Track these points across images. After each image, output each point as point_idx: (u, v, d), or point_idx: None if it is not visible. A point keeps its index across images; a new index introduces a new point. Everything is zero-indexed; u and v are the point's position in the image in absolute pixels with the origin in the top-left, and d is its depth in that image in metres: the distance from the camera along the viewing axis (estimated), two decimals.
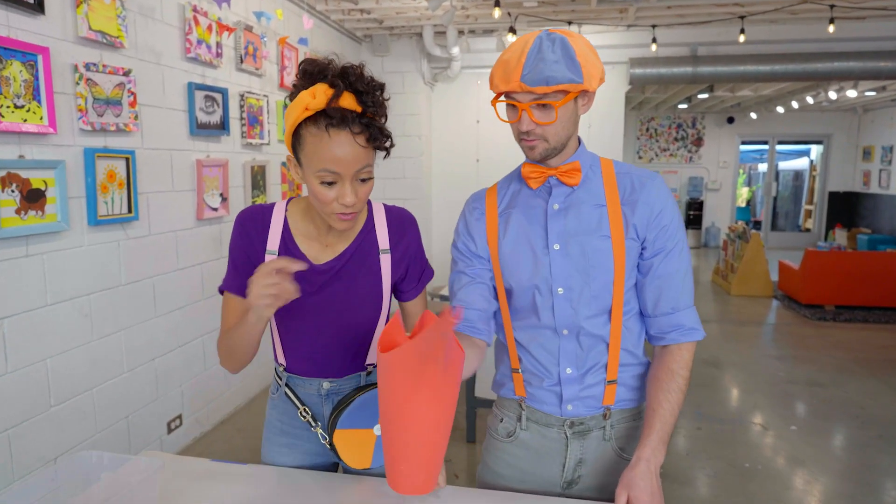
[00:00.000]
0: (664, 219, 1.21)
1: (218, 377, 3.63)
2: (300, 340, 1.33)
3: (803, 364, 4.82)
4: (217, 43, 3.44)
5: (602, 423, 1.27)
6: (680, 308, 1.22)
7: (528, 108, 1.13)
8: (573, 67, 1.10)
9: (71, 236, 2.52)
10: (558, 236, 1.22)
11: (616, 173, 1.25)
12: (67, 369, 2.54)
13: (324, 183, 1.13)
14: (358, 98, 1.10)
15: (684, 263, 1.24)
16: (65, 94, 2.46)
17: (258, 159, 3.97)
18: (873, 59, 5.34)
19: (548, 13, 4.91)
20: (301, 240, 1.28)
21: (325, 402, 1.36)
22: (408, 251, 1.34)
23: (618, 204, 1.21)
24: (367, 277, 1.30)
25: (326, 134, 1.09)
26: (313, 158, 1.11)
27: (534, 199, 1.26)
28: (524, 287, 1.25)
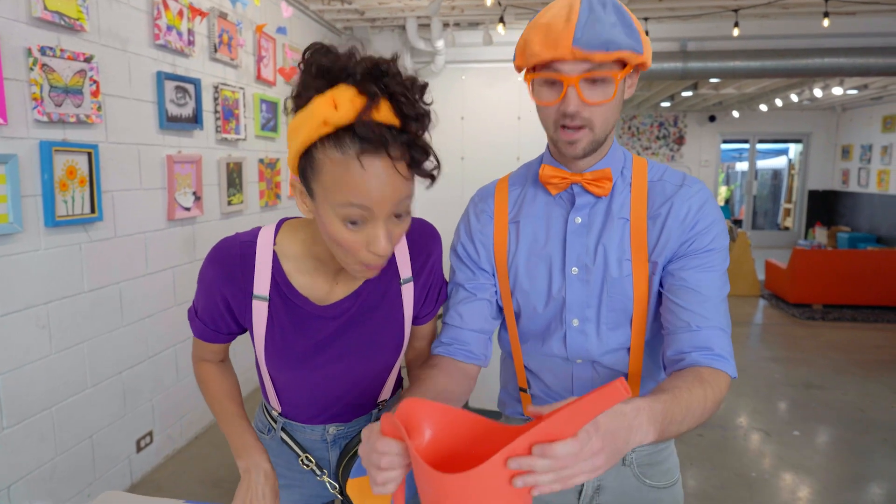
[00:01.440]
0: (698, 227, 0.98)
1: (191, 389, 3.38)
2: (301, 390, 1.09)
3: (799, 366, 4.72)
4: (189, 30, 3.19)
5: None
6: (707, 326, 0.93)
7: (577, 82, 0.91)
8: (632, 34, 0.90)
9: (25, 239, 2.27)
10: (577, 259, 1.02)
11: (648, 182, 1.03)
12: (22, 387, 2.28)
13: (349, 223, 0.84)
14: (396, 108, 0.79)
15: (719, 282, 0.98)
16: (17, 81, 2.21)
17: (234, 156, 3.72)
18: (863, 55, 5.27)
19: (537, 4, 4.74)
20: (300, 278, 1.00)
21: (332, 447, 1.15)
22: (431, 275, 1.08)
23: (643, 219, 1.00)
24: (386, 316, 1.05)
25: (357, 162, 0.79)
26: (335, 191, 0.81)
27: (552, 208, 1.05)
28: (535, 312, 1.06)
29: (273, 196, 4.31)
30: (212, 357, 1.15)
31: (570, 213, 1.04)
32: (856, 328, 5.83)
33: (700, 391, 0.84)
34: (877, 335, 5.57)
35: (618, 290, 1.01)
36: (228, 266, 0.98)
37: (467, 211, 1.14)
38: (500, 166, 6.05)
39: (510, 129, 6.07)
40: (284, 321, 1.00)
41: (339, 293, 1.02)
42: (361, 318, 1.03)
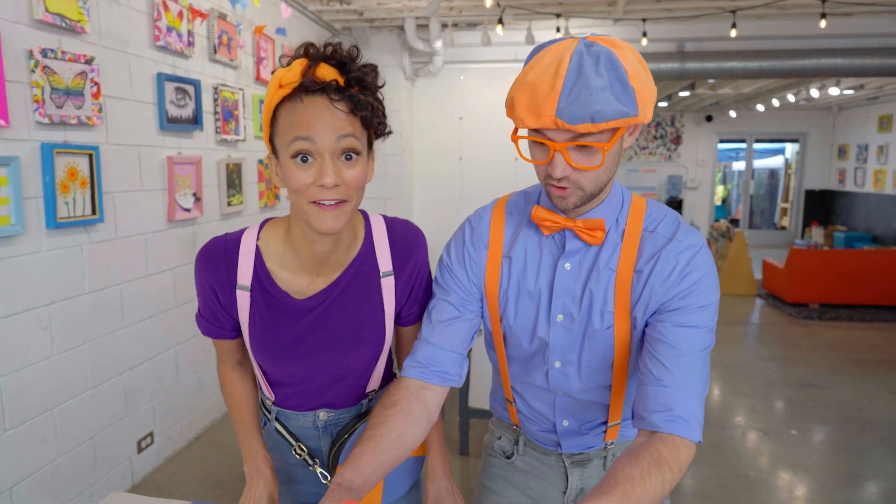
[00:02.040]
0: (682, 285, 0.95)
1: (191, 390, 3.38)
2: (290, 380, 1.13)
3: (796, 365, 4.75)
4: (189, 31, 3.20)
5: (603, 454, 1.15)
6: (675, 385, 0.90)
7: (564, 148, 0.87)
8: (626, 96, 0.83)
9: (27, 241, 2.27)
10: (563, 306, 1.01)
11: (643, 230, 0.99)
12: (24, 388, 2.28)
13: (297, 158, 0.91)
14: (340, 69, 0.93)
15: (699, 341, 0.94)
16: (18, 83, 2.21)
17: (234, 156, 3.73)
18: (860, 55, 5.30)
19: (535, 6, 4.75)
20: (280, 272, 1.05)
21: (323, 434, 1.17)
22: (415, 273, 1.11)
23: (630, 271, 0.98)
24: (366, 309, 1.08)
25: (300, 101, 0.91)
26: (286, 132, 0.92)
27: (544, 248, 1.03)
28: (519, 345, 1.07)
29: (272, 197, 4.31)
30: (229, 358, 1.18)
31: (560, 258, 1.02)
32: (852, 327, 5.86)
33: (658, 478, 0.83)
34: (873, 334, 5.60)
35: (599, 340, 1.01)
36: (213, 259, 1.05)
37: (463, 232, 1.10)
38: (499, 166, 6.09)
39: (508, 129, 6.03)
40: (265, 312, 1.05)
41: (318, 286, 1.06)
42: (340, 309, 1.06)
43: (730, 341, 5.44)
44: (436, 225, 6.47)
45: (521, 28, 5.34)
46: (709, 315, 0.95)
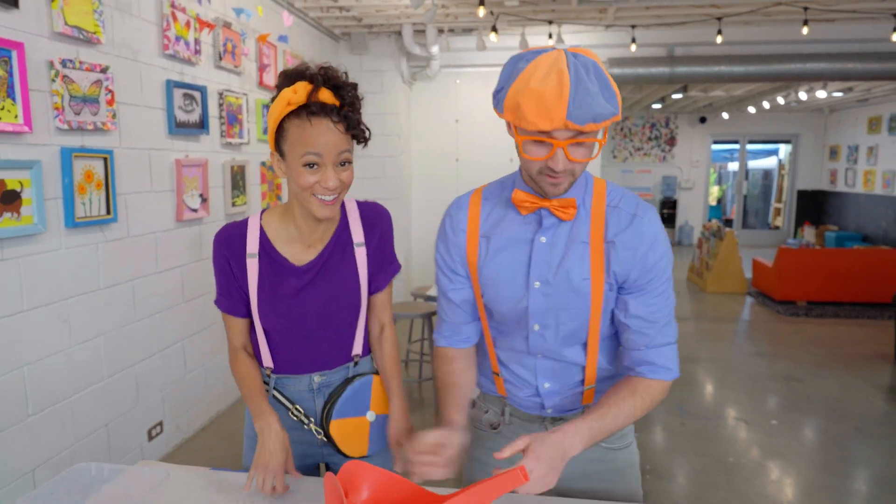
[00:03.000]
0: (647, 261, 1.13)
1: (198, 382, 3.54)
2: (288, 339, 1.34)
3: (781, 360, 4.91)
4: (195, 40, 3.36)
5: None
6: (652, 346, 1.15)
7: (566, 145, 1.02)
8: (612, 98, 1.01)
9: (48, 239, 2.43)
10: (541, 274, 1.16)
11: (606, 206, 1.16)
12: (45, 376, 2.45)
13: (307, 166, 1.17)
14: (335, 93, 1.18)
15: (664, 305, 1.16)
16: (40, 92, 2.37)
17: (238, 159, 3.89)
18: (843, 60, 5.47)
19: (528, 13, 4.91)
20: (280, 244, 1.32)
21: (317, 396, 1.37)
22: (380, 242, 1.37)
23: (601, 242, 1.14)
24: (346, 272, 1.34)
25: (309, 122, 1.15)
26: (297, 146, 1.17)
27: (521, 226, 1.18)
28: (501, 314, 1.24)
29: (275, 197, 4.47)
30: (238, 340, 1.38)
31: (536, 233, 1.16)
32: (838, 324, 6.03)
33: (630, 403, 1.13)
34: (858, 331, 5.76)
35: (576, 304, 1.15)
36: (227, 237, 1.32)
37: (444, 222, 1.27)
38: (494, 168, 6.21)
39: (503, 132, 6.19)
40: (270, 275, 1.31)
41: (310, 254, 1.32)
42: (327, 273, 1.32)
43: (719, 338, 5.61)
44: (433, 225, 6.64)
45: (515, 34, 5.51)
46: (669, 279, 1.17)
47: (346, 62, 6.00)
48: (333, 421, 1.32)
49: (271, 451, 1.20)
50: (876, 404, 4.00)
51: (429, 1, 4.49)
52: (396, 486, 0.93)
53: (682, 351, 5.01)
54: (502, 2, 4.61)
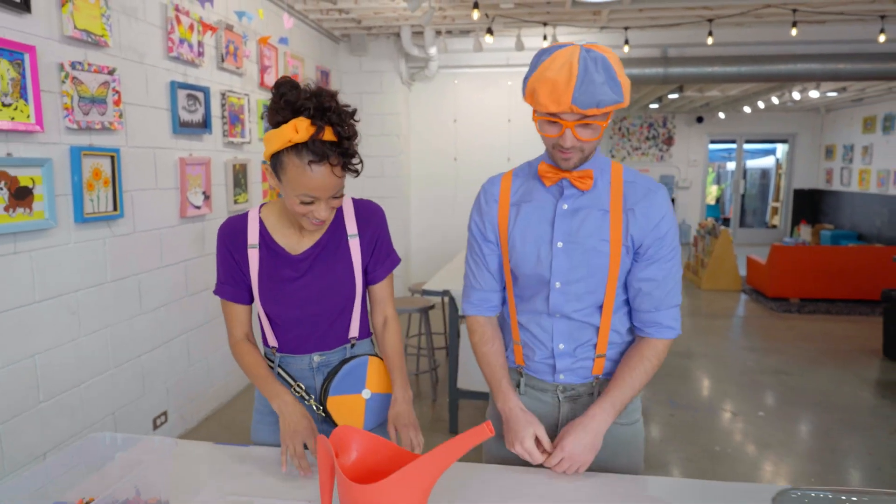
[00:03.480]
0: (660, 230, 1.28)
1: (201, 374, 3.65)
2: (289, 322, 1.45)
3: (771, 355, 5.01)
4: (199, 42, 3.47)
5: (591, 390, 1.41)
6: (661, 308, 1.32)
7: (573, 126, 1.19)
8: (616, 88, 1.16)
9: (58, 233, 2.54)
10: (563, 235, 1.31)
11: (623, 181, 1.32)
12: (56, 365, 2.56)
13: (302, 203, 1.28)
14: (335, 131, 1.23)
15: (673, 270, 1.32)
16: (51, 93, 2.48)
17: (239, 158, 4.00)
18: (833, 61, 5.57)
19: (523, 15, 5.01)
20: (278, 235, 1.43)
21: (317, 374, 1.48)
22: (374, 236, 1.47)
23: (620, 211, 1.29)
24: (340, 261, 1.44)
25: (308, 168, 1.22)
26: (294, 185, 1.25)
27: (546, 196, 1.34)
28: (526, 276, 1.36)
29: (275, 195, 4.58)
30: (239, 330, 1.49)
31: (559, 200, 1.32)
32: (829, 320, 6.13)
33: (641, 367, 1.32)
34: (848, 326, 5.86)
35: (595, 263, 1.30)
36: (230, 229, 1.43)
37: (479, 196, 1.43)
38: (492, 167, 6.33)
39: (501, 132, 6.35)
40: (270, 264, 1.42)
41: (306, 244, 1.43)
42: (322, 261, 1.43)
43: (712, 333, 5.71)
44: (432, 219, 6.74)
45: (511, 35, 5.61)
46: (677, 248, 1.33)
47: (346, 63, 6.11)
48: (330, 397, 1.43)
49: (295, 421, 1.31)
50: (862, 397, 4.10)
51: (426, 4, 4.59)
52: (381, 448, 1.03)
53: (676, 346, 5.12)
54: (497, 4, 4.71)
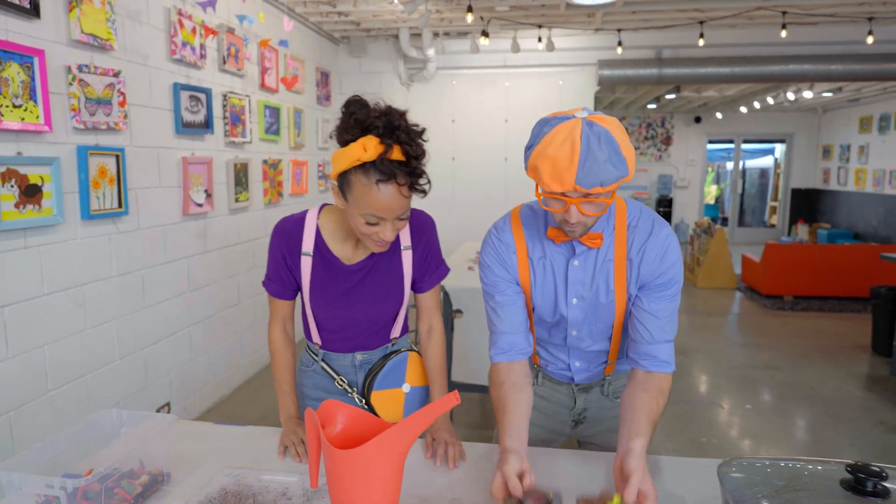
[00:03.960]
0: (663, 267, 1.32)
1: (203, 367, 3.76)
2: (335, 326, 1.51)
3: (763, 351, 5.10)
4: (201, 45, 3.58)
5: (602, 383, 1.55)
6: (657, 341, 1.32)
7: (578, 203, 1.18)
8: (621, 164, 1.14)
9: (66, 229, 2.65)
10: (576, 292, 1.37)
11: (627, 226, 1.34)
12: (63, 356, 2.67)
13: (367, 223, 1.28)
14: (403, 151, 1.22)
15: (672, 306, 1.34)
16: (59, 95, 2.59)
17: (240, 157, 4.11)
18: (825, 61, 5.65)
19: (518, 17, 5.11)
20: (333, 244, 1.44)
21: (359, 371, 1.57)
22: (426, 247, 1.50)
23: (624, 259, 1.33)
24: (391, 273, 1.48)
25: (376, 188, 1.22)
26: (361, 203, 1.25)
27: (558, 253, 1.37)
28: (545, 322, 1.46)
29: (276, 194, 4.69)
30: (280, 319, 1.54)
31: (570, 258, 1.36)
32: (822, 317, 6.21)
33: (648, 402, 1.25)
34: (840, 323, 5.95)
35: (604, 312, 1.38)
36: (286, 233, 1.45)
37: (492, 242, 1.41)
38: (489, 167, 6.46)
39: (498, 132, 6.45)
40: (322, 272, 1.45)
41: (360, 255, 1.46)
42: (374, 272, 1.46)
43: (706, 330, 5.80)
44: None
45: (508, 37, 5.71)
46: (678, 285, 1.34)
47: (346, 65, 6.22)
48: (374, 392, 1.51)
49: (294, 433, 1.44)
50: (848, 391, 4.19)
51: (423, 7, 4.69)
52: (363, 420, 1.13)
53: None
54: (493, 7, 4.81)
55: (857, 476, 0.93)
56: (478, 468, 1.36)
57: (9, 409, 2.41)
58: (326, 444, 1.03)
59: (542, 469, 1.32)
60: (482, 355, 3.19)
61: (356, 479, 1.03)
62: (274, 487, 1.27)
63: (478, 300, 3.07)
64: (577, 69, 6.08)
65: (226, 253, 3.99)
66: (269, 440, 1.49)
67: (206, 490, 1.26)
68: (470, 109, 6.48)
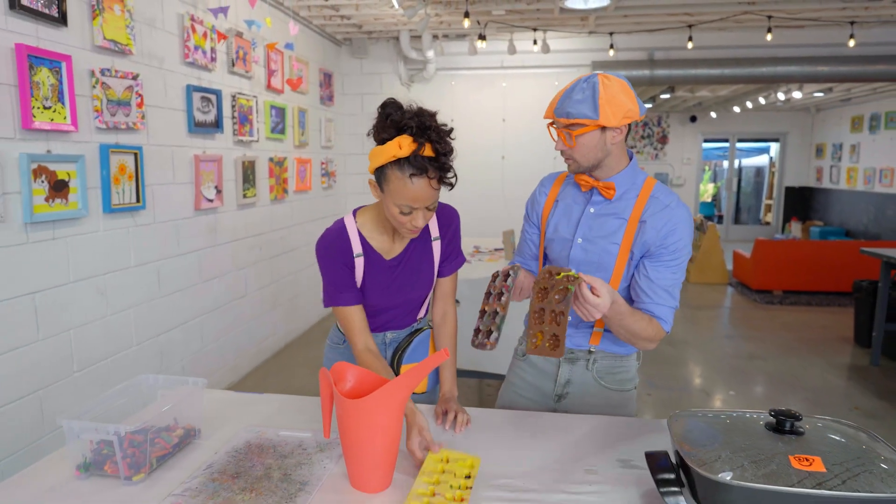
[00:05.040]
0: (670, 239, 1.46)
1: (213, 355, 3.96)
2: (372, 311, 1.69)
3: (750, 342, 5.30)
4: (212, 48, 3.77)
5: (587, 357, 1.67)
6: (656, 304, 1.49)
7: (562, 132, 1.46)
8: (592, 107, 1.39)
9: (89, 222, 2.85)
10: (583, 234, 1.56)
11: (650, 196, 1.51)
12: (87, 340, 2.87)
13: (402, 213, 1.44)
14: (434, 148, 1.38)
15: (675, 277, 1.49)
16: (84, 97, 2.78)
17: (248, 155, 4.30)
18: (811, 63, 5.84)
19: (514, 20, 5.30)
20: (374, 242, 1.61)
21: (388, 347, 1.75)
22: (451, 237, 1.68)
23: (636, 221, 1.49)
24: (424, 262, 1.66)
25: (410, 181, 1.38)
26: (396, 195, 1.41)
27: (580, 198, 1.59)
28: (552, 259, 1.66)
29: (281, 191, 4.89)
30: (363, 339, 1.58)
31: (587, 204, 1.56)
32: (809, 311, 6.41)
33: (645, 323, 1.46)
34: (826, 317, 6.15)
35: (605, 261, 1.52)
36: (333, 244, 1.58)
37: (536, 189, 1.72)
38: (488, 165, 6.67)
39: (495, 131, 6.64)
40: (370, 269, 1.61)
41: (397, 249, 1.63)
42: (410, 263, 1.64)
43: (697, 322, 6.00)
44: None
45: (504, 39, 5.90)
46: (682, 259, 1.49)
47: (348, 66, 6.41)
48: (403, 365, 1.70)
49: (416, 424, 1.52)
50: (829, 380, 4.39)
51: (422, 11, 4.88)
52: (368, 377, 1.33)
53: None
54: (490, 11, 5.01)
55: (778, 419, 1.13)
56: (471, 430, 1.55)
57: (39, 388, 2.61)
58: (339, 396, 1.23)
59: (526, 429, 1.52)
60: None
61: (363, 425, 1.22)
62: (291, 440, 1.47)
63: (473, 291, 3.27)
64: (572, 70, 6.27)
65: (234, 247, 4.19)
66: (284, 405, 1.68)
67: (233, 442, 1.45)
68: (468, 109, 6.66)
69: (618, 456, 1.38)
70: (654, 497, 1.20)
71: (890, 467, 1.02)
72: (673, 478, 1.14)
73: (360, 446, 1.24)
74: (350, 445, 1.25)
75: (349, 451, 1.25)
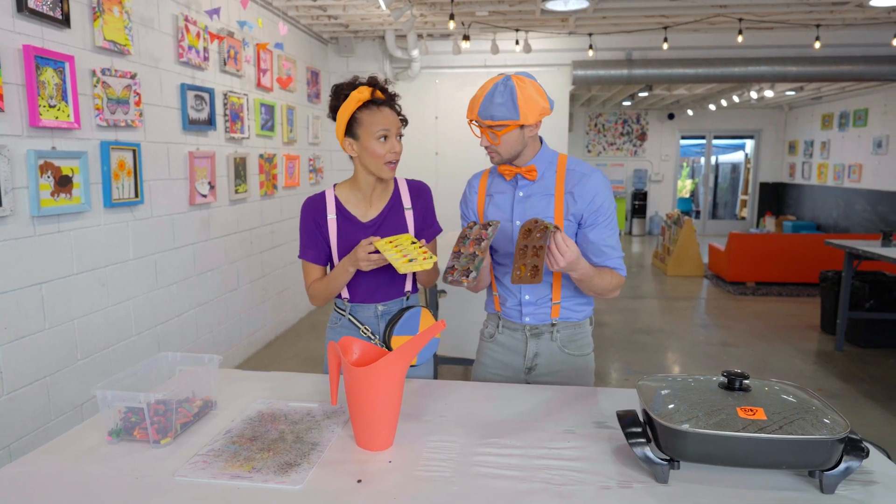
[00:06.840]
0: (596, 203, 1.68)
1: (208, 345, 4.08)
2: (358, 277, 1.85)
3: (722, 330, 5.54)
4: (205, 48, 3.89)
5: (550, 330, 1.84)
6: (609, 258, 1.71)
7: (485, 131, 1.65)
8: (512, 109, 1.59)
9: (91, 216, 2.97)
10: (519, 216, 1.75)
11: (567, 170, 1.72)
12: (89, 329, 2.98)
13: (380, 139, 1.68)
14: (384, 92, 1.72)
15: (612, 234, 1.71)
16: (85, 95, 2.90)
17: (239, 152, 4.42)
18: (781, 63, 6.10)
19: (497, 21, 5.47)
20: (350, 206, 1.81)
21: (381, 320, 1.90)
22: (424, 208, 1.87)
23: (562, 193, 1.69)
24: (400, 228, 1.83)
25: (379, 110, 1.69)
26: (373, 126, 1.67)
27: (508, 187, 1.78)
28: (498, 245, 1.82)
29: (271, 186, 5.01)
30: (315, 278, 1.86)
31: (516, 189, 1.75)
32: (779, 301, 6.68)
33: (609, 275, 1.69)
34: (795, 306, 6.42)
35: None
36: (313, 204, 1.82)
37: (465, 189, 1.89)
38: (471, 161, 6.83)
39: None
40: (345, 229, 1.80)
41: (372, 214, 1.82)
42: (386, 227, 1.82)
43: (672, 313, 6.23)
44: None
45: (487, 39, 6.07)
46: (610, 214, 1.71)
47: (334, 64, 6.53)
48: (394, 336, 1.84)
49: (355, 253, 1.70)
50: (795, 364, 4.63)
51: (408, 11, 5.03)
52: (371, 350, 1.49)
53: (638, 323, 5.66)
54: (473, 12, 5.17)
55: (729, 378, 1.31)
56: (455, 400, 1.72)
57: (45, 375, 2.73)
58: (346, 365, 1.39)
59: (506, 399, 1.69)
60: (465, 331, 3.56)
61: (369, 390, 1.38)
62: (300, 410, 1.62)
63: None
64: (553, 69, 6.46)
65: (226, 241, 4.31)
66: (290, 381, 1.83)
67: (247, 412, 1.60)
68: (452, 107, 6.82)
69: (594, 419, 1.55)
70: (625, 450, 1.38)
71: (821, 416, 1.21)
72: (640, 431, 1.31)
73: (367, 409, 1.40)
74: (357, 409, 1.41)
75: (356, 415, 1.41)
